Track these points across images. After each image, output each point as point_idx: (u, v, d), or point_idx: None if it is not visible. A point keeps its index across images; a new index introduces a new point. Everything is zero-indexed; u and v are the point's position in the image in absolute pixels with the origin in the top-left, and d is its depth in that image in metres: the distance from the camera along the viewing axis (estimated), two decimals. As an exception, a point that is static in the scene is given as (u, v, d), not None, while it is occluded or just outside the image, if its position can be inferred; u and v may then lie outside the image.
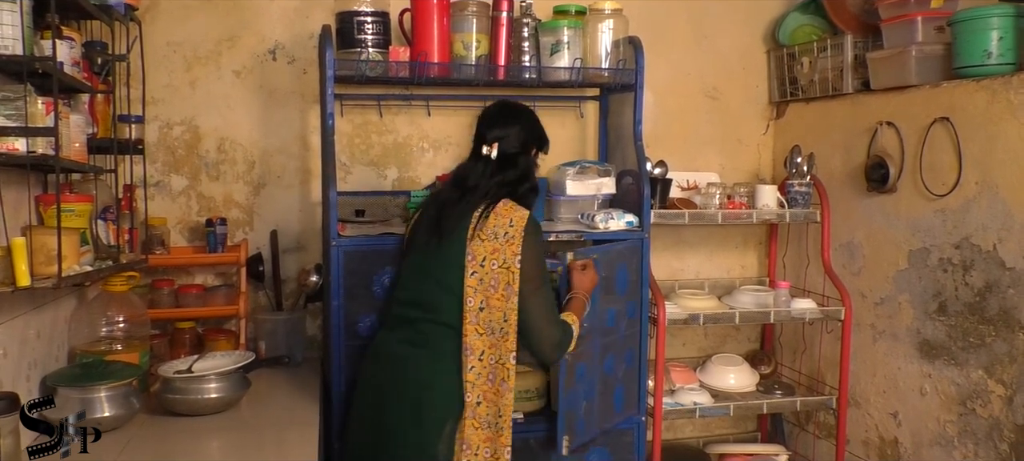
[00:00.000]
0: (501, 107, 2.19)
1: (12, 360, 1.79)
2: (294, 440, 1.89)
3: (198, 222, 2.72)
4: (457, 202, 2.03)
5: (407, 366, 1.96)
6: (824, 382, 2.99)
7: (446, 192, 2.10)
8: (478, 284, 1.93)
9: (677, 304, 2.80)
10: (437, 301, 1.97)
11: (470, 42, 2.50)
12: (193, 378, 2.07)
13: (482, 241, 1.94)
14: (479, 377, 1.92)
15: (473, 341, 1.92)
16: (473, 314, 1.92)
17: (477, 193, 2.03)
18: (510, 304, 1.92)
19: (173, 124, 2.69)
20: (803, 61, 3.04)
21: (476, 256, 1.93)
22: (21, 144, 1.60)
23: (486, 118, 2.15)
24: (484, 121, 2.14)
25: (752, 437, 3.31)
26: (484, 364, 1.93)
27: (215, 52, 2.71)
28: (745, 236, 3.29)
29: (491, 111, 2.17)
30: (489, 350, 1.93)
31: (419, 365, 1.95)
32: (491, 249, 1.94)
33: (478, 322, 1.92)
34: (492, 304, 1.93)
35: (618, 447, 2.62)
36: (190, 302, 2.57)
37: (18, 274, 1.59)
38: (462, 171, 2.13)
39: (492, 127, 2.11)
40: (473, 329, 1.92)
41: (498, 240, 1.94)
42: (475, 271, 1.93)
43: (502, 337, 1.93)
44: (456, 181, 2.11)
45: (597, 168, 2.69)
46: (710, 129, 3.21)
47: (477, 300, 1.93)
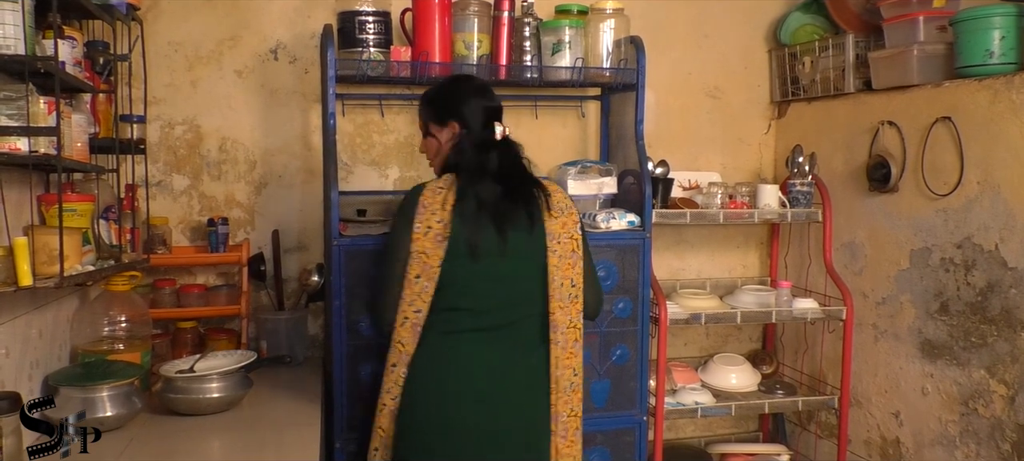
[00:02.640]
0: (479, 81, 2.15)
1: (14, 360, 1.79)
2: (296, 440, 1.89)
3: (200, 222, 2.72)
4: (515, 191, 1.95)
5: (516, 372, 1.96)
6: (826, 382, 2.99)
7: (489, 189, 1.92)
8: (558, 261, 1.95)
9: (679, 304, 2.80)
10: (528, 293, 1.96)
11: (471, 42, 2.50)
12: (195, 378, 2.07)
13: (555, 219, 1.96)
14: (563, 350, 1.97)
15: (559, 318, 1.96)
16: (557, 291, 1.95)
17: (527, 179, 2.00)
18: (576, 270, 1.98)
19: (175, 124, 2.70)
20: (805, 61, 3.04)
21: (553, 235, 1.95)
22: (23, 144, 1.60)
23: (488, 93, 2.06)
24: (489, 96, 2.05)
25: (754, 437, 3.31)
26: (563, 334, 1.97)
27: (217, 52, 2.71)
28: (747, 236, 3.29)
29: (483, 86, 2.09)
30: (567, 319, 1.97)
31: (529, 367, 1.97)
32: (561, 225, 1.96)
33: (561, 297, 1.96)
34: (565, 274, 1.96)
35: (619, 447, 2.62)
36: (192, 302, 2.57)
37: (20, 274, 1.59)
38: (503, 164, 1.98)
39: (497, 103, 2.06)
40: (558, 306, 1.96)
41: (563, 214, 1.98)
42: (555, 249, 1.95)
43: (572, 302, 1.98)
44: (501, 174, 1.96)
45: (598, 168, 2.70)
46: (712, 129, 3.21)
47: (558, 276, 1.95)
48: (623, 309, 2.56)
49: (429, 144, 2.09)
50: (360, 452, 2.32)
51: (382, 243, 2.13)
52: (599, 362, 2.56)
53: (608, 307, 2.53)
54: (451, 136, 2.02)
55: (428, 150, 2.12)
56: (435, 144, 2.07)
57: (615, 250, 2.55)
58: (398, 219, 1.96)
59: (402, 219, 1.94)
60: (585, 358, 2.48)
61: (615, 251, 2.55)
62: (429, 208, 1.90)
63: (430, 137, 2.08)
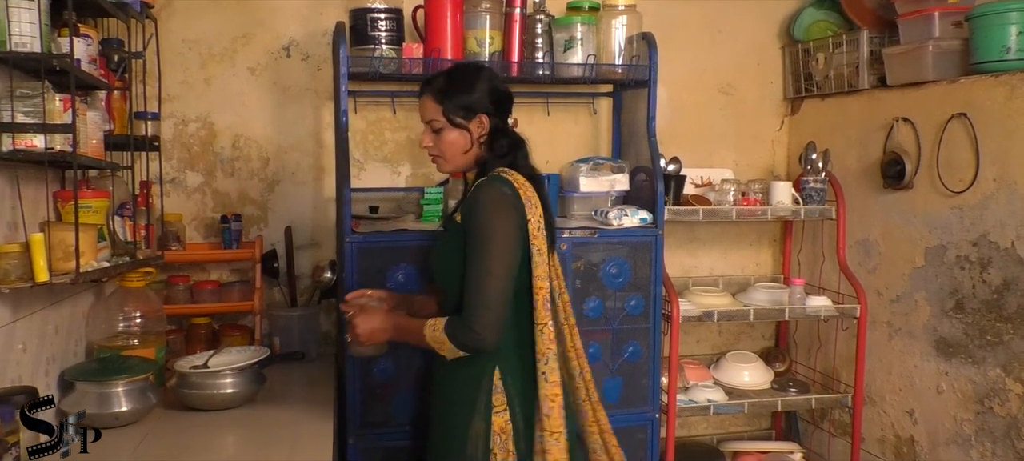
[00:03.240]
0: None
1: (31, 355, 1.80)
2: (309, 436, 1.90)
3: (213, 218, 2.73)
4: (541, 190, 1.87)
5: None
6: (839, 380, 2.97)
7: (534, 186, 1.84)
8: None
9: (691, 301, 2.79)
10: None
11: (483, 38, 2.50)
12: (209, 373, 2.08)
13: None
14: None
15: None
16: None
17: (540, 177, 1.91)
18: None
19: (188, 121, 2.71)
20: (818, 57, 3.02)
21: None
22: (39, 141, 1.62)
23: (498, 78, 1.92)
24: (500, 80, 1.91)
25: (766, 435, 3.30)
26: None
27: (230, 49, 2.72)
28: (759, 233, 3.27)
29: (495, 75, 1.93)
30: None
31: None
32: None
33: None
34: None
35: (631, 444, 2.61)
36: (205, 298, 2.59)
37: (37, 270, 1.61)
38: (529, 165, 1.90)
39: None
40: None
41: None
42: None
43: None
44: (533, 175, 1.88)
45: (610, 165, 2.69)
46: (724, 125, 3.19)
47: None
48: (635, 306, 2.55)
49: (458, 139, 1.84)
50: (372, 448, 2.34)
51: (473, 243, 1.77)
52: (611, 359, 2.56)
53: (620, 304, 2.53)
54: (481, 130, 1.85)
55: (454, 146, 1.86)
56: (466, 139, 1.84)
57: (627, 247, 2.54)
58: (502, 217, 1.74)
59: (512, 216, 1.75)
60: (596, 354, 2.50)
61: (627, 248, 2.54)
62: (531, 203, 1.78)
63: (459, 130, 1.84)
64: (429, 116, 1.88)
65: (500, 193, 1.77)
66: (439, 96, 1.85)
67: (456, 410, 1.79)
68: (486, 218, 1.73)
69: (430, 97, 1.86)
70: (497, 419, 1.74)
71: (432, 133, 1.88)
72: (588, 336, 2.54)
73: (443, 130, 1.85)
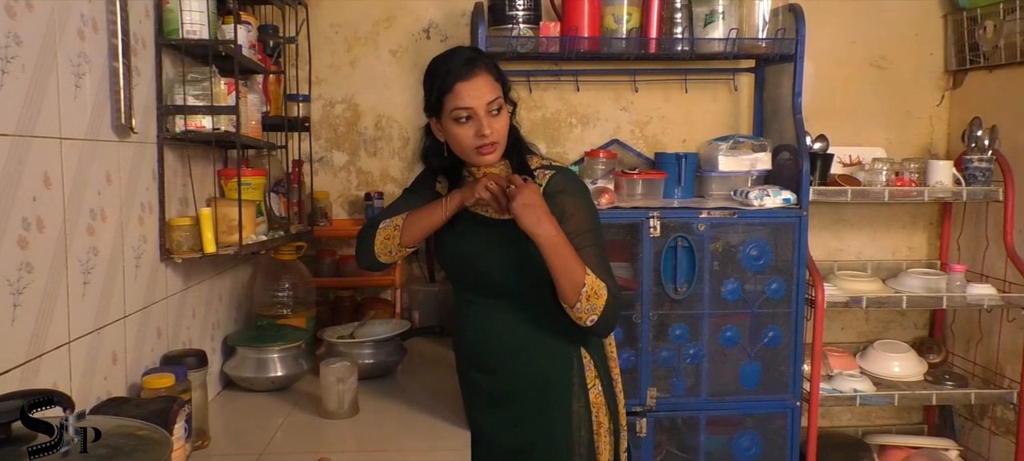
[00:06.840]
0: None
1: (199, 320, 1.96)
2: (447, 408, 1.94)
3: (357, 196, 2.85)
4: None
5: None
6: (1003, 375, 2.75)
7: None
8: None
9: (837, 286, 2.66)
10: None
11: (621, 15, 2.47)
12: (355, 343, 2.18)
13: None
14: None
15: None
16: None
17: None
18: None
19: (335, 102, 2.83)
20: (986, 25, 2.78)
21: None
22: (207, 122, 1.74)
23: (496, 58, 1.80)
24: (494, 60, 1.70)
25: (918, 429, 3.11)
26: None
27: (373, 32, 2.82)
28: (913, 216, 3.07)
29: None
30: None
31: None
32: None
33: None
34: None
35: (769, 431, 2.54)
36: (350, 272, 2.71)
37: (205, 242, 1.74)
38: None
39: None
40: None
41: None
42: None
43: None
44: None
45: (752, 143, 2.60)
46: (876, 101, 3.00)
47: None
48: (776, 290, 2.47)
49: (507, 121, 1.67)
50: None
51: (594, 228, 1.69)
52: (750, 344, 2.48)
53: (760, 287, 2.45)
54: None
55: (505, 129, 1.66)
56: (507, 122, 1.68)
57: (768, 229, 2.46)
58: (593, 205, 1.73)
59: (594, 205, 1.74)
60: (734, 338, 2.44)
61: (768, 230, 2.46)
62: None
63: (507, 110, 1.68)
64: (492, 94, 1.62)
65: (582, 185, 1.75)
66: (496, 71, 1.65)
67: (552, 393, 1.73)
68: (590, 202, 1.71)
69: (488, 72, 1.63)
70: (593, 394, 1.74)
71: (489, 117, 1.62)
72: (725, 319, 2.48)
73: (502, 110, 1.65)
